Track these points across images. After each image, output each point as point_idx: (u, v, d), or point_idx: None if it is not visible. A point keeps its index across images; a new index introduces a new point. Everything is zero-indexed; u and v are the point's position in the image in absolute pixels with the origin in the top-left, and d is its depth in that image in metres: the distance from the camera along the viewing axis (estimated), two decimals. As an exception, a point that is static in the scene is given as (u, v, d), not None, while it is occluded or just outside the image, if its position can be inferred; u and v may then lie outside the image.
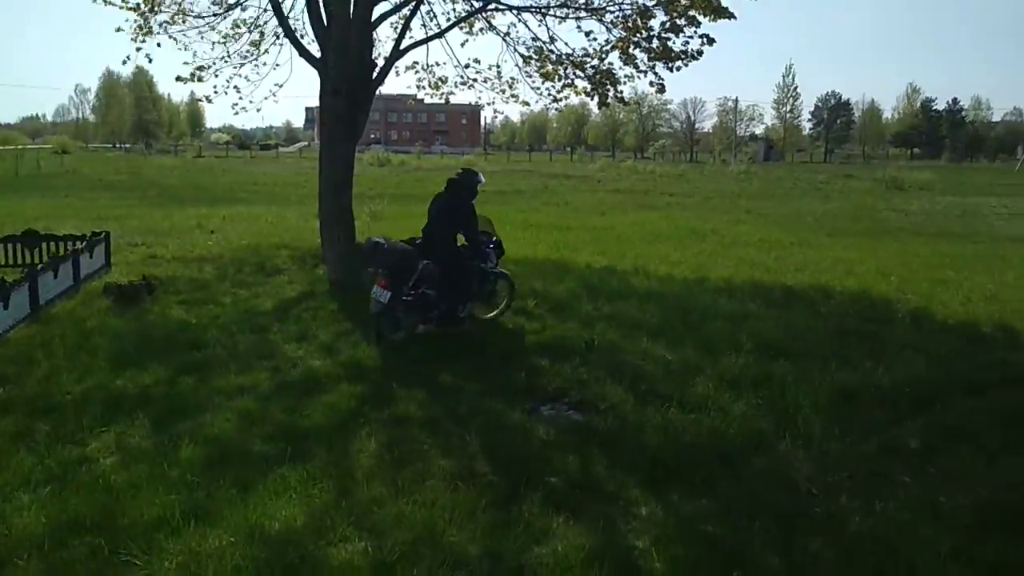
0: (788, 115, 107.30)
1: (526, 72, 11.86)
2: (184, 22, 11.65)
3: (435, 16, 11.93)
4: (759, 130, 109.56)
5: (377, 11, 10.61)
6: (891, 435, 5.41)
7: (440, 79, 12.39)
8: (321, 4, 10.33)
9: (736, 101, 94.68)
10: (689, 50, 10.34)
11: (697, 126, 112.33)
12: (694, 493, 4.54)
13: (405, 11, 11.33)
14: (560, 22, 11.46)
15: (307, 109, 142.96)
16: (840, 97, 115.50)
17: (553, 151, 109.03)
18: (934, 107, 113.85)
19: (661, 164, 73.15)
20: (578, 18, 11.21)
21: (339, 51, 9.90)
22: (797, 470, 4.85)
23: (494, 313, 8.58)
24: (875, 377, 6.51)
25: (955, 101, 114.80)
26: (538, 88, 11.99)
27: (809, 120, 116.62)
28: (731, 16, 9.76)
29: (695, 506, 4.38)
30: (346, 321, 8.48)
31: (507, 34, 11.74)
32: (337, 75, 9.98)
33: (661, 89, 10.57)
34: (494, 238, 8.62)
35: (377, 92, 11.13)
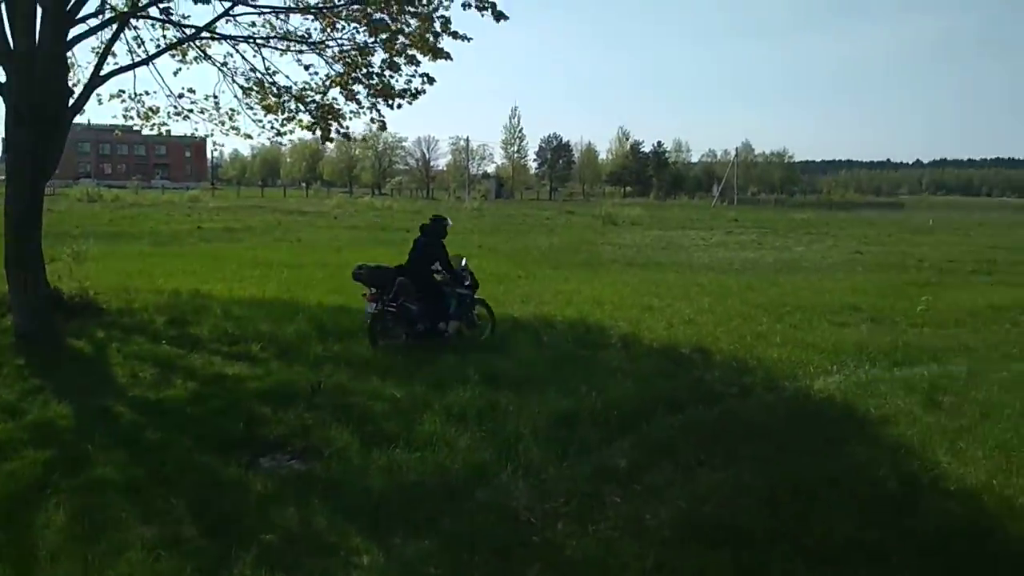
0: (516, 155, 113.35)
1: (247, 104, 11.41)
2: None
3: (142, 42, 11.08)
4: (491, 168, 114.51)
5: (74, 32, 9.65)
6: (603, 456, 5.73)
7: (151, 109, 11.52)
8: (5, 19, 9.16)
9: (468, 140, 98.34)
10: (412, 88, 10.50)
11: (432, 163, 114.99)
12: (417, 533, 4.47)
13: (107, 33, 10.42)
14: (281, 54, 11.16)
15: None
16: (561, 139, 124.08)
17: (287, 186, 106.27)
18: (642, 149, 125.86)
19: (398, 200, 73.86)
20: (299, 51, 10.98)
21: (23, 75, 8.85)
22: (517, 499, 4.95)
23: (485, 333, 9.98)
24: (590, 400, 6.88)
25: (659, 144, 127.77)
26: (260, 121, 11.56)
27: (535, 160, 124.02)
28: (448, 57, 10.05)
29: (417, 547, 4.31)
30: (35, 377, 7.50)
31: (224, 64, 11.21)
32: (21, 103, 8.90)
33: (383, 126, 10.65)
34: (466, 272, 10.15)
35: (86, 122, 10.09)
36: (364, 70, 10.22)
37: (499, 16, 9.71)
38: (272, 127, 11.56)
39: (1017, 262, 23.18)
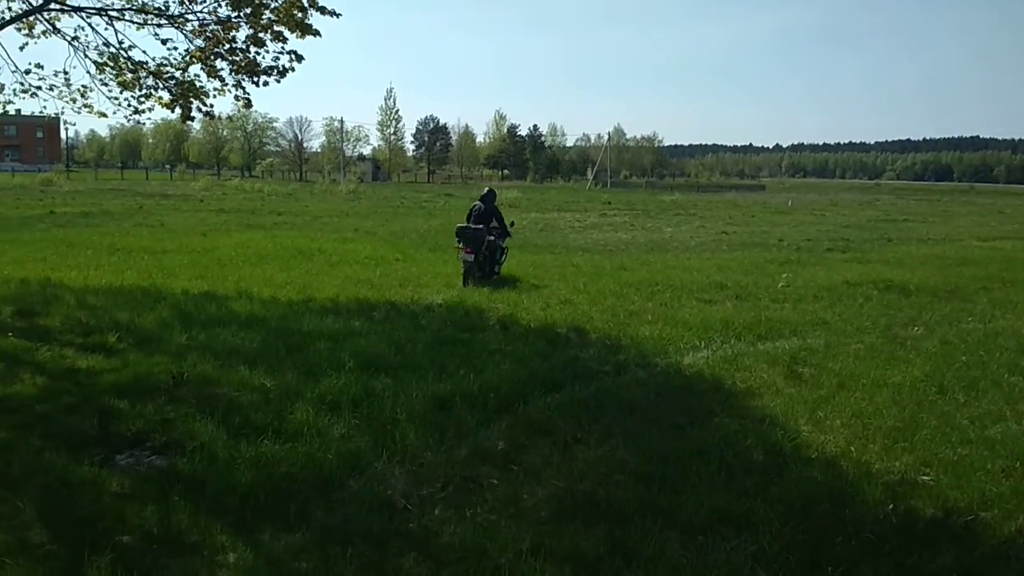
0: (392, 137, 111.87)
1: (100, 80, 10.67)
2: None
3: (-18, 14, 10.16)
4: (367, 151, 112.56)
5: None
6: (481, 438, 5.67)
7: (-8, 86, 10.60)
8: None
9: (342, 121, 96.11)
10: (279, 66, 10.07)
11: (306, 145, 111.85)
12: (287, 528, 4.28)
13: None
14: (137, 28, 10.47)
15: None
16: (438, 121, 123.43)
17: (150, 169, 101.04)
18: (519, 133, 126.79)
19: (270, 183, 71.58)
20: (157, 25, 10.33)
21: None
22: (393, 487, 4.83)
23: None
24: (467, 383, 6.82)
25: (535, 127, 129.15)
26: (116, 98, 10.84)
27: (412, 142, 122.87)
28: (316, 34, 9.70)
29: (287, 542, 4.12)
30: None
31: (75, 38, 10.42)
32: None
33: (248, 104, 10.19)
34: (513, 223, 14.49)
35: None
36: (227, 45, 9.71)
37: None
38: (129, 105, 10.87)
39: (868, 240, 24.75)
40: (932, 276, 14.89)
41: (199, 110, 10.44)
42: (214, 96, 10.60)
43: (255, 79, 9.84)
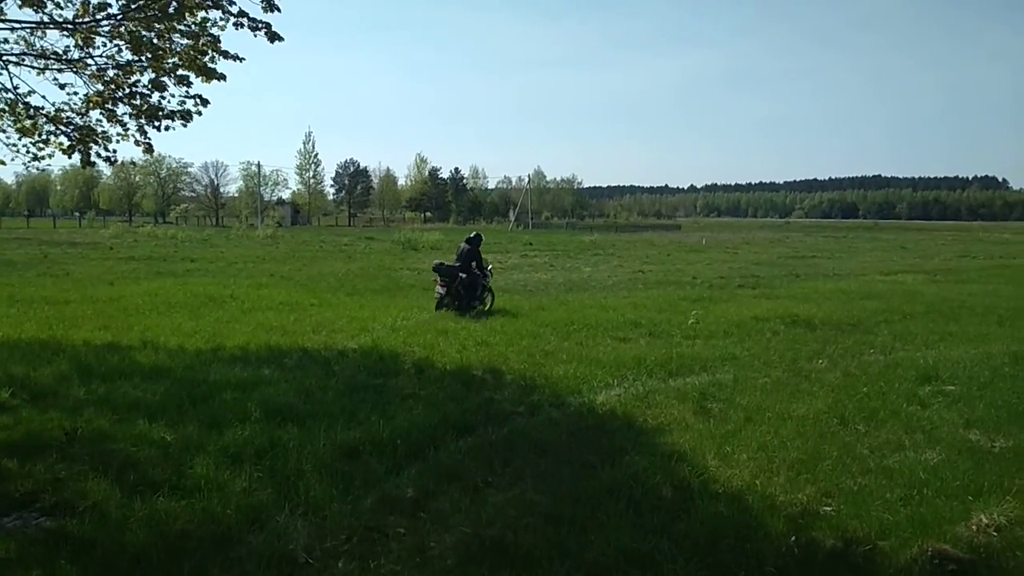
0: (312, 180, 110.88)
1: (-3, 127, 10.25)
2: None
3: None
4: (286, 195, 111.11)
5: None
6: (389, 487, 5.56)
7: None
8: None
9: (259, 165, 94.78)
10: (183, 110, 9.88)
11: (223, 190, 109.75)
12: (181, 589, 4.09)
13: None
14: (38, 73, 10.14)
15: None
16: (358, 164, 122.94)
17: (58, 216, 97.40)
18: (440, 175, 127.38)
19: (184, 229, 69.82)
20: (57, 70, 10.03)
21: None
22: (295, 540, 4.67)
23: (485, 307, 15.66)
24: (378, 430, 6.69)
25: (457, 170, 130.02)
26: (15, 145, 10.44)
27: (332, 185, 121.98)
28: (221, 78, 9.56)
29: (179, 605, 3.94)
30: None
31: (-31, 85, 10.01)
32: None
33: (149, 149, 9.91)
34: (490, 267, 16.61)
35: None
36: (127, 90, 9.47)
37: (273, 37, 9.39)
38: (28, 152, 10.47)
39: (777, 276, 25.57)
40: (837, 310, 15.45)
41: (99, 156, 10.12)
42: (117, 141, 10.32)
43: (157, 124, 9.62)
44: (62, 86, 9.90)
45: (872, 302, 17.23)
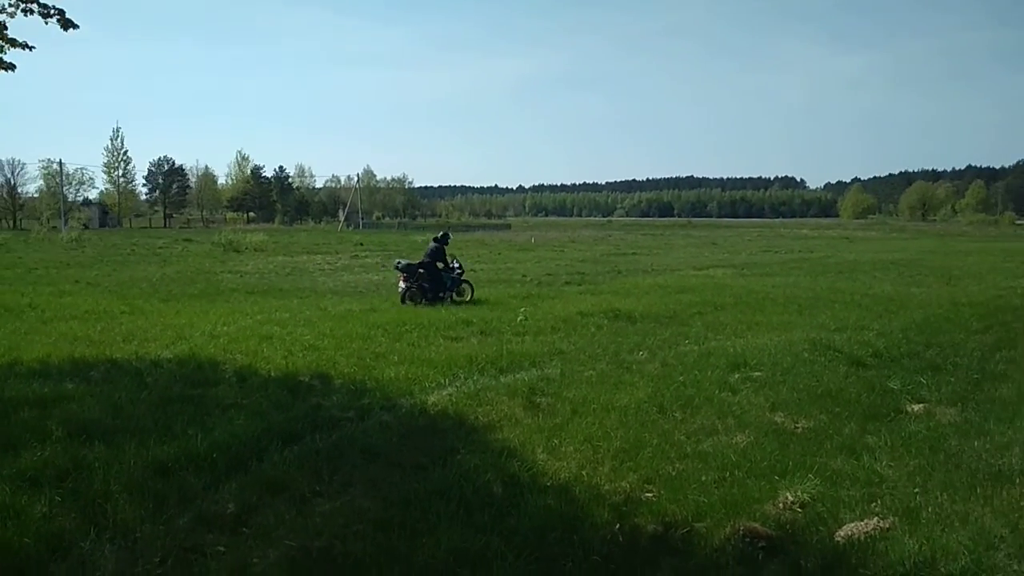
0: (121, 180, 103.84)
1: None
2: None
3: None
4: (93, 195, 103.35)
5: None
6: (208, 503, 5.24)
7: None
8: None
9: (61, 163, 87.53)
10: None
11: (20, 190, 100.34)
12: (-37, 635, 3.67)
13: None
14: None
15: None
16: (173, 162, 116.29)
17: None
18: (264, 174, 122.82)
19: (-27, 233, 63.36)
20: None
21: None
22: (102, 567, 4.31)
23: (467, 299, 17.69)
24: (195, 444, 6.31)
25: (282, 168, 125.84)
26: None
27: (145, 185, 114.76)
28: (10, 67, 8.71)
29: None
30: None
31: None
32: None
33: None
34: (457, 264, 18.16)
35: None
36: None
37: (67, 24, 8.64)
38: None
39: (601, 272, 26.58)
40: (655, 304, 16.25)
41: None
42: None
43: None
44: None
45: (686, 295, 18.25)
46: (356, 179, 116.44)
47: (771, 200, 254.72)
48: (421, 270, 17.19)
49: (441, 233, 18.65)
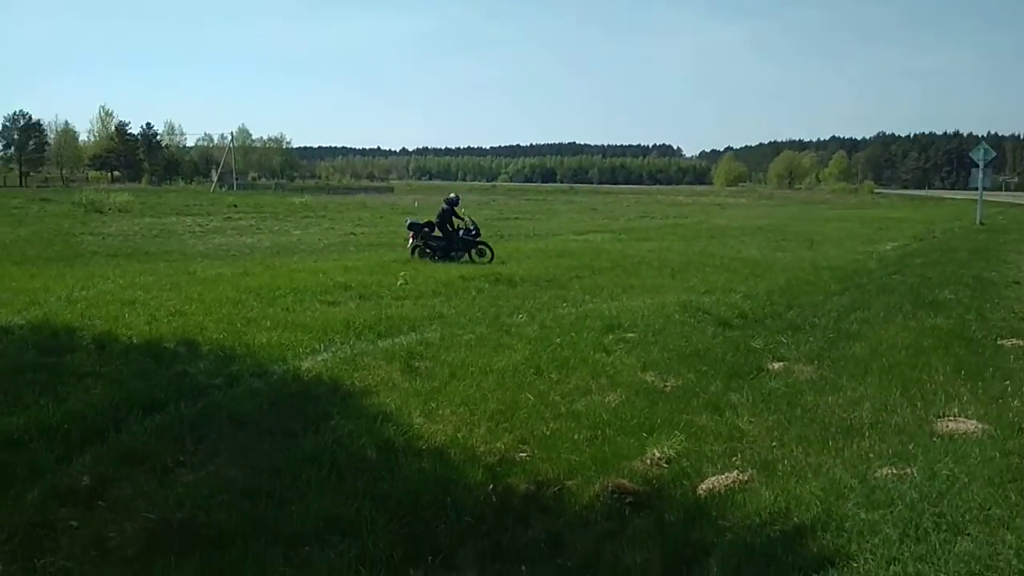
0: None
1: None
2: None
3: None
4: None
5: None
6: (60, 476, 4.95)
7: None
8: None
9: None
10: None
11: None
12: None
13: None
14: None
15: None
16: (30, 118, 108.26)
17: None
18: (129, 131, 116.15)
19: None
20: None
21: None
22: (-61, 548, 4.01)
23: (486, 260, 18.51)
24: (47, 414, 5.92)
25: (149, 125, 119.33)
26: None
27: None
28: None
29: None
30: None
31: None
32: None
33: None
34: (473, 226, 19.51)
35: None
36: None
37: None
38: None
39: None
40: (535, 268, 16.42)
41: None
42: None
43: None
44: None
45: (566, 259, 18.54)
46: (230, 137, 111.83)
47: (649, 168, 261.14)
48: (426, 228, 18.69)
49: (452, 195, 20.17)
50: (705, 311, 10.91)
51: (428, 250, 18.51)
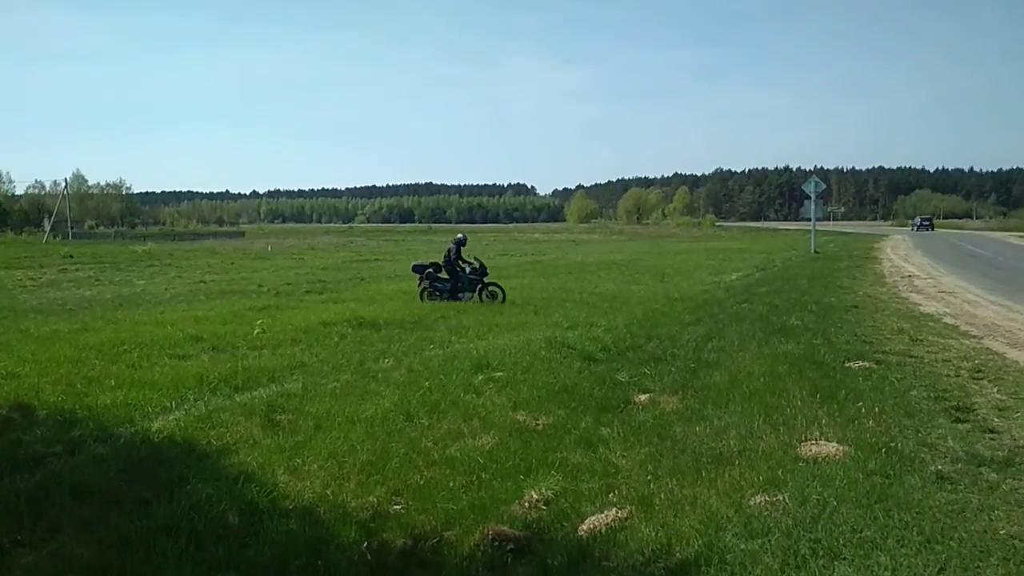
0: None
1: None
2: None
3: None
4: None
5: None
6: None
7: None
8: None
9: None
10: None
11: None
12: None
13: None
14: None
15: None
16: None
17: None
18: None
19: None
20: None
21: None
22: None
23: (497, 301, 18.46)
24: None
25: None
26: None
27: None
28: None
29: None
30: None
31: None
32: None
33: None
34: (478, 264, 19.32)
35: None
36: None
37: None
38: None
39: (343, 280, 26.09)
40: (399, 310, 16.18)
41: None
42: None
43: None
44: None
45: (430, 300, 18.37)
46: (64, 184, 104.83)
47: (505, 206, 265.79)
48: (430, 269, 18.92)
49: (460, 235, 20.30)
50: (570, 346, 11.04)
51: (436, 292, 18.63)
